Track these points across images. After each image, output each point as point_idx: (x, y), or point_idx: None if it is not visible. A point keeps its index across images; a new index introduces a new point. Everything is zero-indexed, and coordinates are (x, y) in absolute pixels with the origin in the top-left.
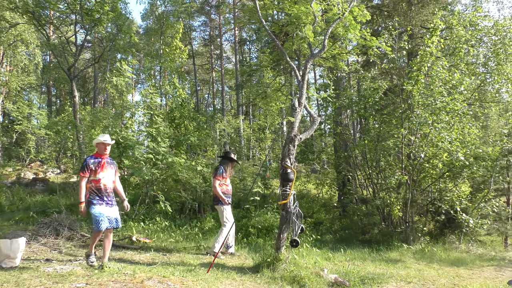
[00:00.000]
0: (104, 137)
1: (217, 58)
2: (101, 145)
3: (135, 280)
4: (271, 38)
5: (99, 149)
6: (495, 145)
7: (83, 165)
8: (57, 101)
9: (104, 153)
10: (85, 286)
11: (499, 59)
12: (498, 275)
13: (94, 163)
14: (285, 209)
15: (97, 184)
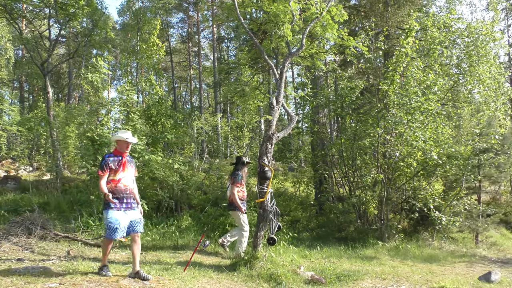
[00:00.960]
0: (126, 134)
1: (195, 55)
2: (123, 143)
3: (110, 280)
4: (250, 36)
5: (120, 146)
6: (467, 145)
7: (102, 163)
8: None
9: (125, 151)
10: (58, 286)
11: (472, 61)
12: (469, 271)
13: (114, 162)
14: (262, 207)
15: (116, 185)
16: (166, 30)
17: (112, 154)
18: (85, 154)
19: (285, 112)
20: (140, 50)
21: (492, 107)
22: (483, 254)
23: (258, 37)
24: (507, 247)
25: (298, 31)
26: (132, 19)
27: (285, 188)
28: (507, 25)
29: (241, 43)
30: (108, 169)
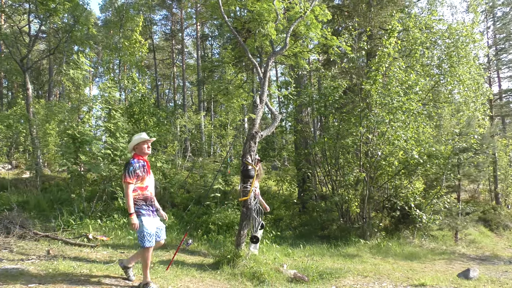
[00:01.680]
0: (142, 134)
1: (179, 53)
2: (143, 144)
3: (91, 279)
4: (233, 34)
5: (141, 150)
6: (447, 144)
7: (129, 170)
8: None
9: (147, 153)
10: (38, 286)
11: (452, 62)
12: (449, 268)
13: (140, 168)
14: (245, 206)
15: (144, 192)
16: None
17: (135, 159)
18: (66, 152)
19: (269, 110)
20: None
21: (471, 108)
22: (462, 251)
23: (242, 35)
24: (486, 245)
25: (282, 30)
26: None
27: (268, 187)
28: (487, 27)
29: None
30: (135, 176)
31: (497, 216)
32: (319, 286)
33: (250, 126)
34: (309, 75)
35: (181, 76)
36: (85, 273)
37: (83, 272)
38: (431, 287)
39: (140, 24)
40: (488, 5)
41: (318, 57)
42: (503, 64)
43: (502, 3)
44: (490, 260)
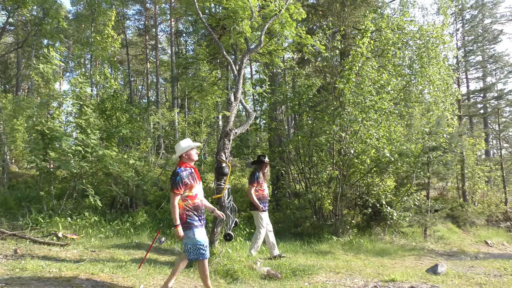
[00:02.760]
0: (187, 141)
1: (152, 48)
2: (192, 151)
3: (61, 278)
4: (208, 31)
5: (189, 157)
6: (418, 143)
7: (176, 180)
8: None
9: (194, 161)
10: (4, 287)
11: (423, 62)
12: (418, 264)
13: (188, 176)
14: (219, 203)
15: (194, 201)
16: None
17: (182, 167)
18: (35, 149)
19: (243, 108)
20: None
21: (441, 107)
22: (431, 247)
23: (217, 32)
24: (453, 241)
25: (257, 27)
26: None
27: (242, 184)
28: (456, 29)
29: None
30: (183, 186)
31: (464, 213)
32: (292, 283)
33: (224, 124)
34: (283, 73)
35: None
36: (54, 272)
37: (52, 272)
38: (401, 283)
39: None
40: (458, 7)
41: (293, 56)
42: (471, 66)
43: (470, 6)
44: (457, 256)
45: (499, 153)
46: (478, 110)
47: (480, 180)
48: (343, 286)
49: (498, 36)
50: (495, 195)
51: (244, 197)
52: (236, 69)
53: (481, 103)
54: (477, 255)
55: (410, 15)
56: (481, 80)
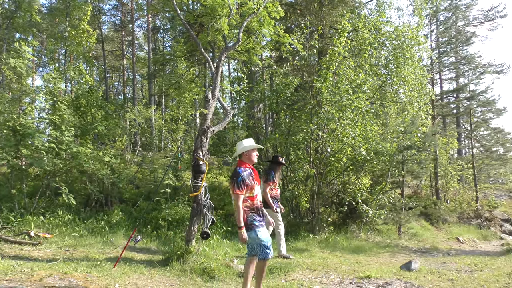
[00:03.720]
0: (249, 141)
1: (129, 44)
2: (252, 151)
3: (33, 278)
4: (186, 28)
5: (248, 157)
6: (393, 142)
7: (238, 180)
8: None
9: (253, 162)
10: None
11: (398, 62)
12: (392, 261)
13: (248, 176)
14: (196, 201)
15: (254, 202)
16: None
17: (242, 167)
18: (6, 145)
19: (221, 106)
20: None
21: (415, 107)
22: (405, 244)
23: (195, 29)
24: (426, 238)
25: (235, 25)
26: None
27: (219, 182)
28: (430, 30)
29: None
30: (245, 186)
31: (437, 211)
32: (269, 280)
33: (201, 121)
34: (261, 71)
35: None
36: (26, 272)
37: (24, 271)
38: (376, 279)
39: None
40: (432, 9)
41: (271, 54)
42: (444, 67)
43: (444, 8)
44: (430, 252)
45: (471, 152)
46: (451, 110)
47: (453, 179)
48: (319, 283)
49: (470, 38)
50: (467, 193)
51: (221, 195)
52: (214, 66)
53: (454, 104)
54: (449, 252)
55: (386, 16)
56: (454, 81)
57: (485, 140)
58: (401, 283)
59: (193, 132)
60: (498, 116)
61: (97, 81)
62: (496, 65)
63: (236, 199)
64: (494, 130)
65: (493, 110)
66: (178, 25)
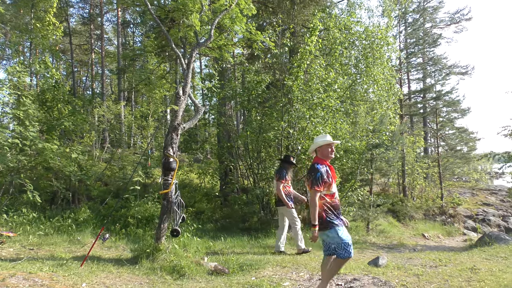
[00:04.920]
0: (327, 137)
1: (98, 38)
2: (328, 147)
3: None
4: (157, 23)
5: (324, 153)
6: (362, 140)
7: (317, 176)
8: None
9: (330, 158)
10: None
11: (368, 62)
12: (361, 257)
13: (326, 173)
14: (166, 199)
15: (332, 200)
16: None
17: (319, 164)
18: None
19: (192, 102)
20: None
21: (384, 106)
22: (373, 240)
23: (166, 24)
24: (393, 234)
25: (207, 21)
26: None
27: (190, 180)
28: (399, 31)
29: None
30: (323, 183)
31: (404, 208)
32: (239, 277)
33: (172, 118)
34: (233, 68)
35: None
36: None
37: None
38: (344, 275)
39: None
40: (401, 11)
41: (243, 51)
42: (412, 67)
43: (413, 10)
44: (397, 248)
45: (437, 151)
46: (418, 109)
47: (419, 176)
48: (289, 279)
49: (437, 39)
50: (432, 190)
51: (192, 192)
52: (185, 63)
53: (421, 103)
54: (415, 248)
55: (356, 16)
56: (421, 81)
57: (450, 139)
58: (369, 279)
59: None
60: (463, 116)
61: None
62: (461, 67)
63: (313, 195)
64: (458, 129)
65: (458, 110)
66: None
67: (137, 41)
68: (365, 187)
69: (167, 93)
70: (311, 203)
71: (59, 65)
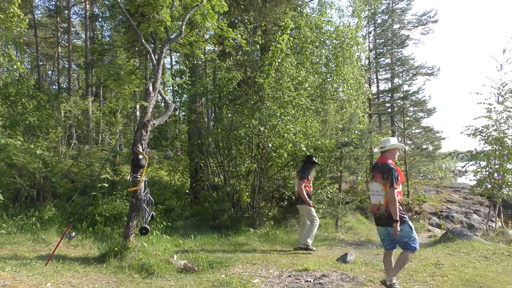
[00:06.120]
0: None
1: (64, 32)
2: (397, 150)
3: None
4: (126, 17)
5: (395, 155)
6: (332, 138)
7: (396, 175)
8: None
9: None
10: None
11: (338, 61)
12: (330, 253)
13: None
14: (135, 196)
15: (401, 197)
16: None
17: (391, 163)
18: None
19: (162, 99)
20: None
21: (353, 105)
22: (341, 237)
23: (136, 19)
24: (361, 231)
25: (178, 17)
26: None
27: (160, 177)
28: (368, 32)
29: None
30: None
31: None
32: (209, 275)
33: (142, 114)
34: (204, 65)
35: (66, 57)
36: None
37: None
38: (313, 272)
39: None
40: (371, 12)
41: (214, 48)
42: (381, 67)
43: (382, 11)
44: (364, 245)
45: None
46: (386, 109)
47: None
48: (259, 276)
49: (405, 41)
50: None
51: (161, 189)
52: (155, 58)
53: (389, 103)
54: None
55: (327, 15)
56: (390, 81)
57: (416, 138)
58: (337, 275)
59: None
60: (428, 115)
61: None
62: (427, 68)
63: (393, 193)
64: (424, 128)
65: (424, 110)
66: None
67: (106, 36)
68: (334, 185)
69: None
70: (392, 200)
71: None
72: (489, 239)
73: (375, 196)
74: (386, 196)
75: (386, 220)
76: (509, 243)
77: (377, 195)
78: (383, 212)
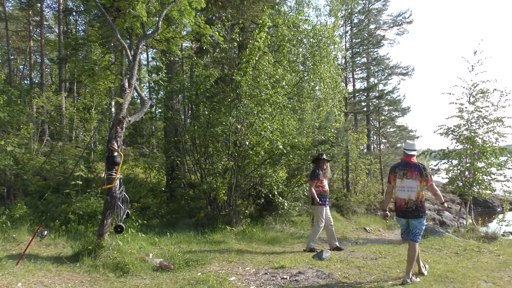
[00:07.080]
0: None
1: (37, 25)
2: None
3: None
4: (101, 11)
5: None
6: (308, 136)
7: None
8: None
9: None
10: None
11: (315, 60)
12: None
13: None
14: (110, 194)
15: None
16: None
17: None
18: None
19: (138, 95)
20: None
21: (330, 104)
22: None
23: (111, 14)
24: (337, 228)
25: (155, 13)
26: None
27: (135, 174)
28: (345, 31)
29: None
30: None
31: (348, 202)
32: (185, 273)
33: (117, 111)
34: (181, 62)
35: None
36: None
37: None
38: (290, 269)
39: None
40: (347, 11)
41: (191, 45)
42: (357, 66)
43: (358, 11)
44: (340, 242)
45: (379, 147)
46: (362, 108)
47: (362, 172)
48: (235, 274)
49: (381, 41)
50: (374, 186)
51: (137, 187)
52: (131, 54)
53: (365, 102)
54: (357, 241)
55: (305, 14)
56: (365, 80)
57: (391, 136)
58: (313, 272)
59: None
60: (403, 115)
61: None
62: (402, 68)
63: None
64: (399, 127)
65: (399, 109)
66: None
67: (80, 30)
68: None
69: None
70: (436, 190)
71: None
72: (460, 236)
73: (405, 192)
74: (418, 192)
75: (414, 213)
76: (479, 239)
77: (407, 191)
78: (411, 205)
